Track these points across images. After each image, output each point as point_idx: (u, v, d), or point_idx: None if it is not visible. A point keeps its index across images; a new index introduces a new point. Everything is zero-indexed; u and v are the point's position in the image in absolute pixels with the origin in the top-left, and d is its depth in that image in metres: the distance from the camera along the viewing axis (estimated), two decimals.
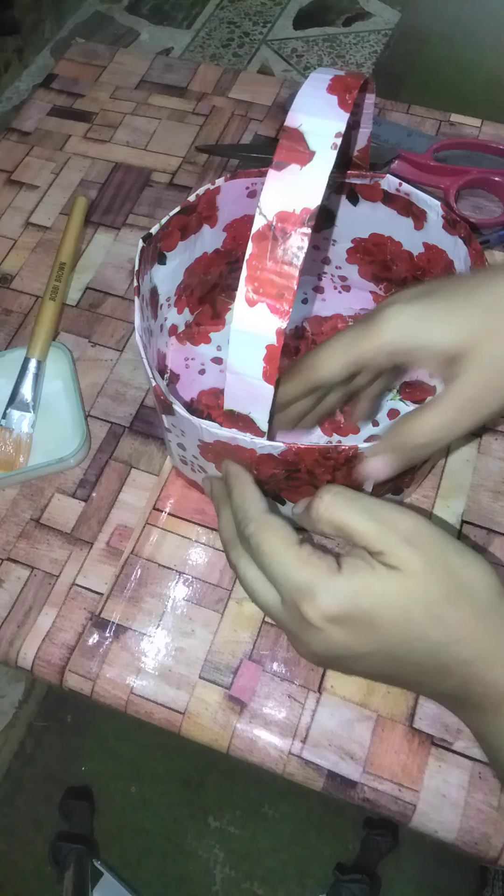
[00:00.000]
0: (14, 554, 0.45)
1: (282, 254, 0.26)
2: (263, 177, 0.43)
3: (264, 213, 0.26)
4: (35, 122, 0.68)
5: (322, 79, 0.28)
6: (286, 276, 0.26)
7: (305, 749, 0.39)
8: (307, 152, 0.26)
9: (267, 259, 0.26)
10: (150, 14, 0.97)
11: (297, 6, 0.98)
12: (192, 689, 0.41)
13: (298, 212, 0.26)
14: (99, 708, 0.42)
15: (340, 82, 0.28)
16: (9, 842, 1.00)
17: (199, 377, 0.50)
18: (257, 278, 0.26)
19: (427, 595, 0.27)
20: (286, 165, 0.26)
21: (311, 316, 0.53)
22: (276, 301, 0.26)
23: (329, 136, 0.26)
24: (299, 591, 0.27)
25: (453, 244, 0.41)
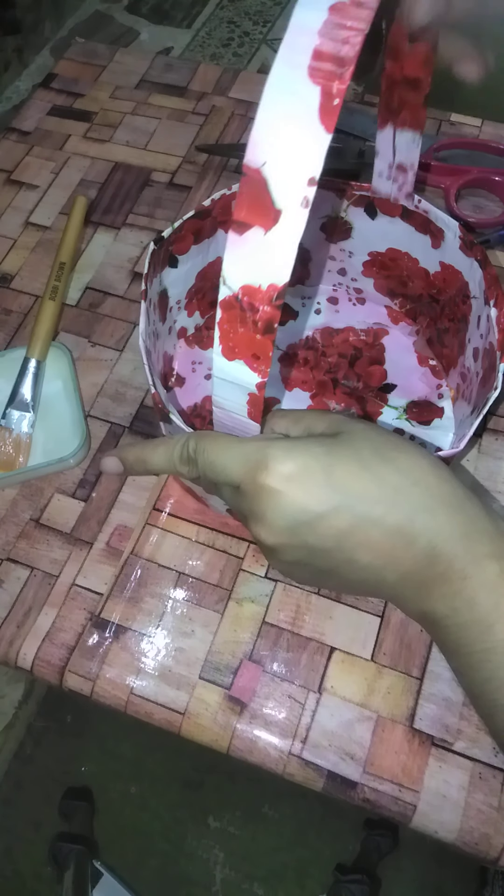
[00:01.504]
0: (14, 554, 0.45)
1: (253, 325, 0.23)
2: None
3: (228, 284, 0.23)
4: (35, 122, 0.68)
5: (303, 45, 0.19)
6: (260, 344, 0.24)
7: (305, 749, 0.39)
8: (272, 210, 0.21)
9: (238, 326, 0.24)
10: (149, 14, 0.97)
11: None
12: (191, 690, 0.41)
13: (265, 288, 0.22)
14: (99, 708, 0.42)
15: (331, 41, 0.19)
16: (9, 842, 1.00)
17: (205, 382, 0.50)
18: (231, 339, 0.24)
19: (375, 440, 0.27)
20: (248, 228, 0.21)
21: (322, 327, 0.52)
22: (253, 361, 0.24)
23: (300, 185, 0.20)
24: (254, 463, 0.27)
25: (469, 266, 0.40)
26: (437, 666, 0.41)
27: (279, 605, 0.43)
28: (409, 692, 0.40)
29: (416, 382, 0.49)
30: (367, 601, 0.43)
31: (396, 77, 0.32)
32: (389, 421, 0.48)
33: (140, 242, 0.59)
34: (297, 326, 0.52)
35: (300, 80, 0.19)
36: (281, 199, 0.21)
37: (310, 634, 0.42)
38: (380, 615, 0.42)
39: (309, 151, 0.20)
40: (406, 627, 0.42)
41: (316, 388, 0.50)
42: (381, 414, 0.48)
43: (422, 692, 0.40)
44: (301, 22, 0.19)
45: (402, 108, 0.34)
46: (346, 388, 0.49)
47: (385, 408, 0.49)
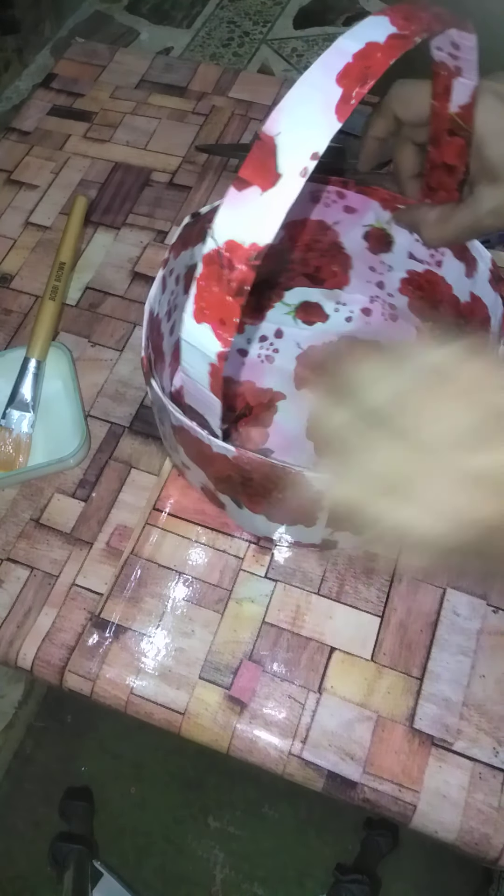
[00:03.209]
0: (14, 554, 0.45)
1: (227, 284, 0.24)
2: (327, 184, 0.43)
3: (214, 237, 0.24)
4: (35, 122, 0.68)
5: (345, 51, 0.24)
6: (230, 307, 0.25)
7: (305, 749, 0.39)
8: (273, 174, 0.23)
9: (214, 284, 0.25)
10: (149, 13, 0.97)
11: (297, 5, 0.98)
12: (191, 690, 0.41)
13: (247, 246, 0.23)
14: (99, 708, 0.42)
15: (363, 61, 0.23)
16: (9, 842, 1.00)
17: None
18: (204, 299, 0.25)
19: None
20: (247, 186, 0.23)
21: (347, 334, 0.52)
22: (219, 327, 0.25)
23: (303, 156, 0.23)
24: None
25: (494, 300, 0.40)
26: (437, 666, 0.41)
27: (279, 605, 0.43)
28: (409, 692, 0.40)
29: None
30: (367, 601, 0.43)
31: (436, 161, 0.36)
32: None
33: (140, 242, 0.59)
34: (323, 328, 0.52)
35: (329, 80, 0.23)
36: (284, 165, 0.23)
37: (310, 634, 0.42)
38: (380, 615, 0.42)
39: (319, 132, 0.23)
40: (406, 627, 0.42)
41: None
42: None
43: (422, 692, 0.40)
44: (342, 46, 0.24)
45: (439, 189, 0.37)
46: None
47: None
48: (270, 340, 0.52)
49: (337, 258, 0.49)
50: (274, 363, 0.51)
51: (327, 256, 0.49)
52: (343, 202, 0.44)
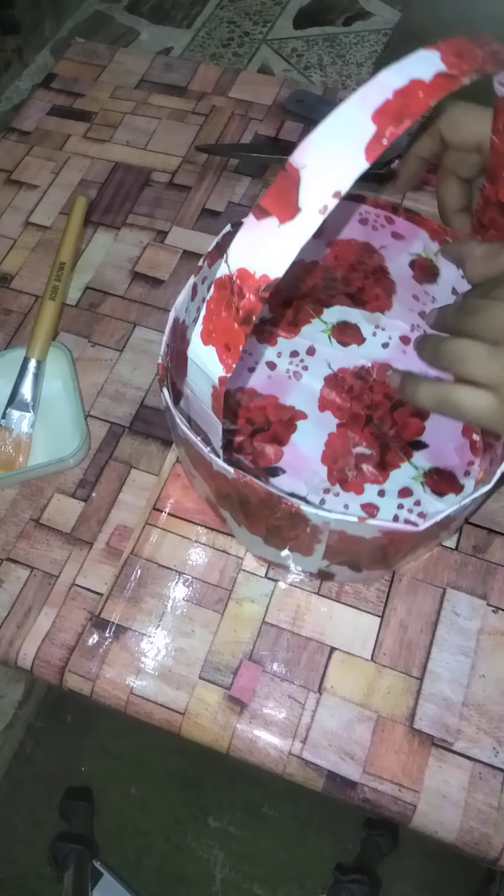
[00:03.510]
0: (14, 554, 0.45)
1: (235, 311, 0.24)
2: (378, 208, 0.42)
3: (228, 262, 0.24)
4: (35, 122, 0.68)
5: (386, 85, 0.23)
6: (236, 334, 0.25)
7: (305, 749, 0.39)
8: (293, 207, 0.23)
9: (223, 309, 0.25)
10: (149, 13, 0.97)
11: (297, 5, 0.98)
12: (191, 690, 0.41)
13: (258, 277, 0.23)
14: (99, 708, 0.42)
15: (403, 100, 0.23)
16: (9, 842, 1.00)
17: (247, 374, 0.50)
18: (212, 322, 0.25)
19: None
20: (266, 216, 0.23)
21: (382, 362, 0.50)
22: (224, 351, 0.25)
23: (325, 194, 0.22)
24: None
25: None
26: (438, 666, 0.41)
27: (279, 605, 0.43)
28: (409, 692, 0.40)
29: (450, 451, 0.46)
30: (367, 601, 0.43)
31: (491, 198, 0.35)
32: (403, 478, 0.46)
33: (140, 242, 0.59)
34: (358, 351, 0.51)
35: (364, 116, 0.22)
36: (305, 200, 0.23)
37: (310, 634, 0.42)
38: (380, 615, 0.42)
39: (344, 170, 0.22)
40: (406, 627, 0.42)
41: (347, 419, 0.48)
42: (398, 468, 0.46)
43: (422, 692, 0.40)
44: (385, 79, 0.23)
45: (490, 227, 0.36)
46: (376, 430, 0.47)
47: (405, 463, 0.46)
48: (301, 357, 0.51)
49: (381, 282, 0.48)
50: (301, 380, 0.50)
51: (371, 279, 0.48)
52: (391, 227, 0.43)
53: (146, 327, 0.55)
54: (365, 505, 0.45)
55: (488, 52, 0.25)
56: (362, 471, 0.46)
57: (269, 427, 0.48)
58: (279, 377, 0.50)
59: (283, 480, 0.46)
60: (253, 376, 0.50)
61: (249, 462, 0.47)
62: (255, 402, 0.49)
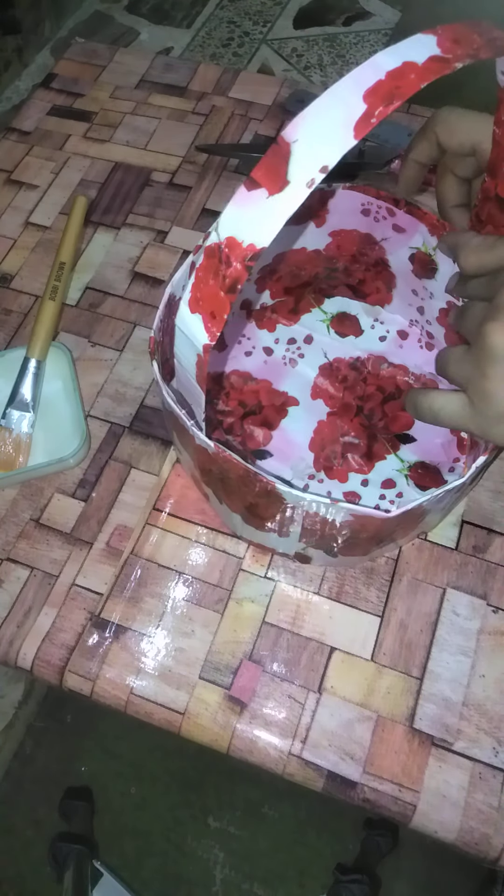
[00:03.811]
0: (14, 554, 0.45)
1: (222, 279, 0.25)
2: (380, 199, 0.42)
3: (218, 231, 0.25)
4: (35, 122, 0.68)
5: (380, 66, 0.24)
6: (221, 301, 0.25)
7: (305, 749, 0.39)
8: (282, 180, 0.23)
9: (210, 277, 0.25)
10: (149, 13, 0.97)
11: (297, 5, 0.98)
12: (191, 690, 0.41)
13: (245, 246, 0.24)
14: (99, 708, 0.42)
15: (395, 81, 0.23)
16: (9, 842, 1.00)
17: (243, 357, 0.50)
18: (200, 290, 0.26)
19: None
20: (257, 187, 0.24)
21: (378, 354, 0.51)
22: (209, 320, 0.26)
23: (313, 167, 0.23)
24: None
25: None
26: (438, 666, 0.41)
27: (279, 605, 0.43)
28: (409, 692, 0.40)
29: (437, 447, 0.47)
30: (367, 601, 0.43)
31: (490, 193, 0.35)
32: (388, 470, 0.46)
33: (140, 242, 0.59)
34: (354, 343, 0.51)
35: (355, 95, 0.23)
36: (293, 173, 0.23)
37: (310, 634, 0.42)
38: (380, 615, 0.42)
39: (333, 146, 0.23)
40: (406, 627, 0.42)
41: (338, 408, 0.49)
42: (384, 460, 0.46)
43: (422, 692, 0.40)
44: (378, 61, 0.24)
45: (488, 223, 0.37)
46: (365, 421, 0.48)
47: (391, 455, 0.47)
48: (299, 345, 0.51)
49: (382, 275, 0.49)
50: (296, 368, 0.50)
51: (372, 271, 0.49)
52: (393, 219, 0.43)
53: (146, 327, 0.55)
54: (347, 493, 0.45)
55: (486, 39, 0.25)
56: (348, 460, 0.47)
57: (261, 411, 0.49)
58: (275, 363, 0.51)
59: (269, 463, 0.47)
60: (249, 360, 0.50)
61: (238, 443, 0.47)
62: (249, 386, 0.49)
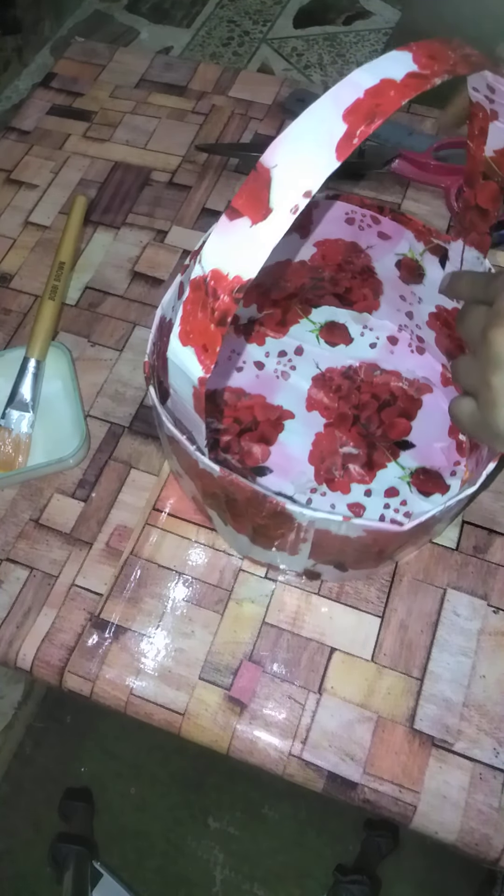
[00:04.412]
0: (13, 554, 0.45)
1: (211, 312, 0.24)
2: (364, 208, 0.42)
3: (202, 263, 0.24)
4: (34, 121, 0.68)
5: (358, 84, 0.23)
6: (212, 335, 0.25)
7: (305, 750, 0.39)
8: (265, 207, 0.22)
9: (199, 310, 0.25)
10: (149, 13, 0.97)
11: (297, 5, 0.98)
12: (191, 690, 0.41)
13: (231, 278, 0.23)
14: (98, 709, 0.42)
15: (374, 99, 0.23)
16: (9, 842, 1.00)
17: (235, 373, 0.50)
18: (189, 323, 0.25)
19: None
20: (238, 216, 0.23)
21: (370, 362, 0.50)
22: (202, 352, 0.25)
23: (296, 193, 0.22)
24: None
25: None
26: (438, 666, 0.41)
27: (279, 606, 0.43)
28: (410, 693, 0.40)
29: (436, 451, 0.47)
30: (367, 601, 0.43)
31: (471, 202, 0.35)
32: (390, 478, 0.46)
33: (139, 242, 0.59)
34: (345, 352, 0.51)
35: (335, 115, 0.22)
36: (276, 200, 0.22)
37: (310, 635, 0.42)
38: (380, 616, 0.42)
39: (315, 169, 0.22)
40: (406, 628, 0.42)
41: (334, 419, 0.48)
42: (385, 468, 0.46)
43: (422, 693, 0.40)
44: (356, 78, 0.23)
45: (471, 230, 0.37)
46: (363, 430, 0.48)
47: (391, 463, 0.46)
48: (290, 357, 0.51)
49: (368, 282, 0.48)
50: (289, 380, 0.50)
51: (358, 279, 0.48)
52: (378, 227, 0.43)
53: (146, 327, 0.54)
54: (352, 505, 0.45)
55: (460, 55, 0.25)
56: (349, 470, 0.46)
57: (257, 426, 0.48)
58: (267, 377, 0.50)
59: (270, 480, 0.46)
60: (241, 376, 0.50)
61: (237, 461, 0.47)
62: (243, 402, 0.49)
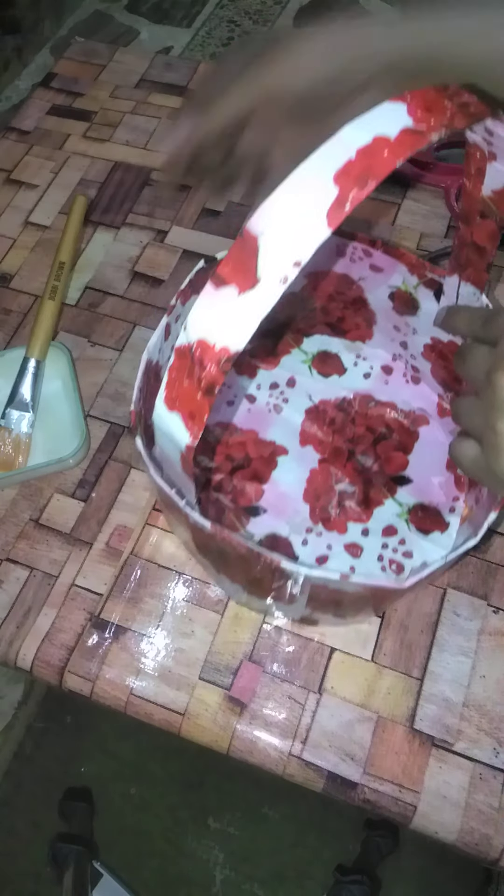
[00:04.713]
0: (13, 554, 0.45)
1: (198, 381, 0.23)
2: (355, 240, 0.41)
3: (187, 331, 0.23)
4: (34, 121, 0.68)
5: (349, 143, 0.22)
6: (199, 404, 0.23)
7: (305, 750, 0.39)
8: (252, 277, 0.21)
9: (185, 378, 0.23)
10: (149, 13, 0.97)
11: (297, 5, 0.98)
12: (191, 690, 0.41)
13: (217, 349, 0.22)
14: (98, 709, 0.42)
15: (367, 160, 0.21)
16: (9, 842, 1.00)
17: (226, 407, 0.48)
18: (175, 390, 0.24)
19: None
20: (225, 285, 0.22)
21: (364, 393, 0.49)
22: (189, 420, 0.24)
23: (285, 264, 0.21)
24: None
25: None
26: (438, 666, 0.41)
27: None
28: (410, 693, 0.40)
29: (434, 487, 0.45)
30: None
31: (467, 239, 0.35)
32: (388, 516, 0.44)
33: (139, 242, 0.59)
34: (339, 382, 0.49)
35: (325, 177, 0.21)
36: (264, 270, 0.21)
37: (310, 635, 0.42)
38: (380, 616, 0.42)
39: (305, 239, 0.21)
40: (406, 628, 0.42)
41: (329, 454, 0.47)
42: (382, 505, 0.45)
43: (422, 693, 0.40)
44: (346, 136, 0.22)
45: (468, 266, 0.36)
46: (358, 465, 0.46)
47: (389, 500, 0.45)
48: (282, 389, 0.49)
49: (361, 311, 0.47)
50: (281, 414, 0.48)
51: (351, 309, 0.47)
52: (370, 260, 0.42)
53: (146, 327, 0.54)
54: (348, 545, 0.43)
55: (457, 105, 0.24)
56: (345, 508, 0.45)
57: (249, 464, 0.46)
58: (259, 411, 0.48)
59: (263, 520, 0.45)
60: (232, 410, 0.48)
61: (229, 501, 0.45)
62: (235, 438, 0.47)
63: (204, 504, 0.45)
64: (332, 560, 0.43)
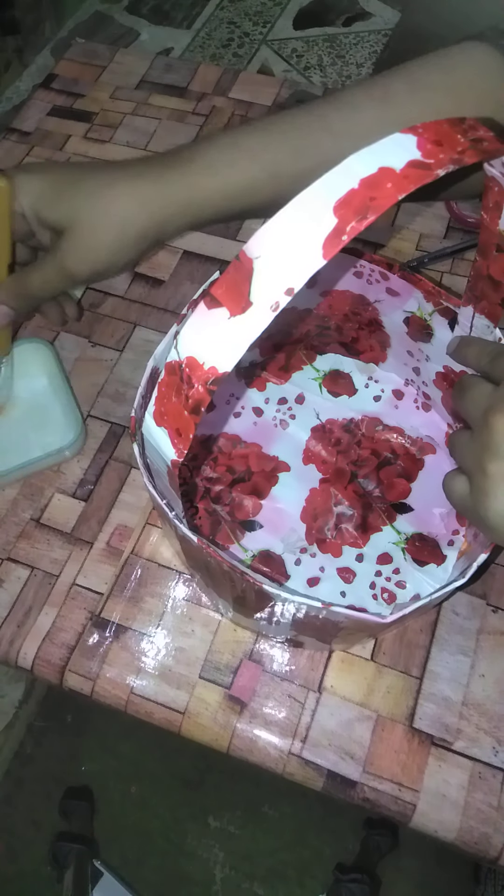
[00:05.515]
0: (14, 554, 0.45)
1: (185, 399, 0.23)
2: (373, 263, 0.41)
3: (178, 349, 0.23)
4: (35, 122, 0.68)
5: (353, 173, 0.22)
6: (186, 421, 0.24)
7: (305, 749, 0.39)
8: (244, 300, 0.22)
9: (173, 395, 0.24)
10: (150, 14, 0.97)
11: (297, 6, 0.98)
12: (192, 689, 0.41)
13: (206, 368, 0.22)
14: (99, 708, 0.42)
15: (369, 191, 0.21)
16: (9, 842, 1.00)
17: (232, 419, 0.48)
18: (164, 405, 0.24)
19: None
20: (217, 305, 0.22)
21: (373, 416, 0.48)
22: (175, 436, 0.24)
23: (278, 289, 0.21)
24: None
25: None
26: (437, 665, 0.41)
27: None
28: (409, 692, 0.40)
29: (435, 517, 0.44)
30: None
31: (483, 272, 0.35)
32: (384, 543, 0.44)
33: None
34: (348, 403, 0.49)
35: (325, 206, 0.21)
36: (256, 294, 0.22)
37: None
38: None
39: (299, 267, 0.21)
40: (406, 627, 0.42)
41: (331, 475, 0.46)
42: (380, 531, 0.44)
43: (421, 692, 0.40)
44: (351, 166, 0.22)
45: (482, 298, 0.36)
46: (360, 489, 0.45)
47: (387, 527, 0.44)
48: (290, 405, 0.49)
49: (376, 333, 0.46)
50: (287, 429, 0.48)
51: (366, 330, 0.46)
52: (386, 283, 0.41)
53: (146, 327, 0.55)
54: (342, 569, 0.43)
55: (470, 140, 0.23)
56: (342, 531, 0.44)
57: (250, 477, 0.46)
58: (265, 425, 0.48)
59: (259, 536, 0.44)
60: (238, 422, 0.48)
61: (226, 513, 0.45)
62: (238, 450, 0.47)
63: (201, 515, 0.45)
64: (323, 583, 0.42)
